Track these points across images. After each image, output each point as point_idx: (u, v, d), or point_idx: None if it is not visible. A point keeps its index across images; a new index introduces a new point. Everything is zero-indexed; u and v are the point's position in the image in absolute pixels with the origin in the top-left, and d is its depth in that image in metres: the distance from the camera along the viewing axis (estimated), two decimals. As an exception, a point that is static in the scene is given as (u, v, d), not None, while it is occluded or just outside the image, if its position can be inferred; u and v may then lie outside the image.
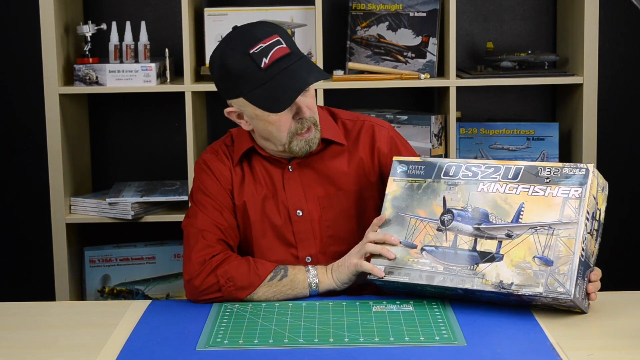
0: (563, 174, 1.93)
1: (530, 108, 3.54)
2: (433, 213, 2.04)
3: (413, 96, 3.53)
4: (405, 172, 2.13)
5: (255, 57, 2.17)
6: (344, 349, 1.89)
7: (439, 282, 2.02)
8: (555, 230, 1.89)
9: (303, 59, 2.22)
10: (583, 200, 1.89)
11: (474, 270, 1.97)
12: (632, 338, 1.92)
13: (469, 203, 1.99)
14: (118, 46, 3.22)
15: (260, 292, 2.21)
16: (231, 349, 1.91)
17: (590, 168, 1.93)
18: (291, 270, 2.23)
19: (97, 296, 3.33)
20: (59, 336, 2.02)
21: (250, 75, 2.18)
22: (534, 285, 1.91)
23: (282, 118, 2.23)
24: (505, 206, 1.95)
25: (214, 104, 3.51)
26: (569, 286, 1.88)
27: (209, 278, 2.21)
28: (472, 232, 1.98)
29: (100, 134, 3.55)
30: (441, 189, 2.05)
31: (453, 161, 2.07)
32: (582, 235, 1.88)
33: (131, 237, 3.48)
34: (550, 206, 1.91)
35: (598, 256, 2.02)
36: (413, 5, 3.30)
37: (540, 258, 1.90)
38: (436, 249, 2.03)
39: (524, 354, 1.85)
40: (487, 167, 2.01)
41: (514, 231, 1.93)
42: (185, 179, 3.37)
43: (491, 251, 1.95)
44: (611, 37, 3.50)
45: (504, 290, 1.94)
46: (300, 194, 2.35)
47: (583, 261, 1.89)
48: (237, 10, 3.23)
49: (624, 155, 3.57)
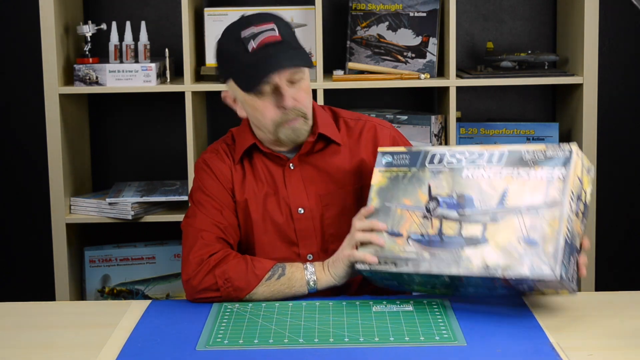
0: (547, 156, 1.91)
1: (530, 108, 3.54)
2: (418, 201, 2.03)
3: (413, 96, 3.53)
4: (390, 162, 2.12)
5: (244, 41, 2.22)
6: (344, 349, 1.89)
7: (425, 269, 2.00)
8: (540, 211, 1.88)
9: (295, 50, 2.23)
10: (567, 180, 1.88)
11: (459, 254, 1.95)
12: (632, 338, 1.92)
13: (454, 190, 1.98)
14: (118, 46, 3.22)
15: (258, 292, 2.20)
16: (231, 349, 1.91)
17: (574, 149, 1.91)
18: (289, 269, 2.22)
19: (97, 296, 3.33)
20: (59, 336, 2.02)
21: (238, 57, 2.22)
22: (520, 267, 1.88)
23: (266, 104, 2.24)
24: (490, 190, 1.94)
25: (214, 104, 3.51)
26: (554, 265, 1.85)
27: (207, 278, 2.20)
28: (457, 218, 1.96)
29: (100, 134, 3.55)
30: (426, 177, 2.03)
31: (437, 149, 2.06)
32: (567, 215, 1.86)
33: (131, 237, 3.48)
34: (534, 188, 1.90)
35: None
36: (413, 5, 3.30)
37: (526, 239, 1.88)
38: (422, 236, 2.01)
39: (524, 354, 1.85)
40: (471, 153, 2.00)
41: (499, 215, 1.92)
42: (185, 179, 3.37)
43: (476, 236, 1.94)
44: (611, 37, 3.50)
45: (490, 274, 1.91)
46: (302, 192, 2.35)
47: (569, 242, 1.87)
48: (237, 10, 3.23)
49: (624, 155, 3.57)
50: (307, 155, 2.35)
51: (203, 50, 3.28)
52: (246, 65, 2.22)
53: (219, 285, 2.19)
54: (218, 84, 3.18)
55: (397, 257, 2.05)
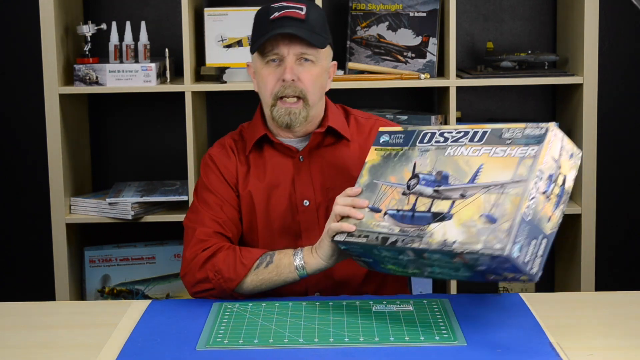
0: (524, 135, 1.89)
1: (530, 108, 3.54)
2: (402, 179, 2.03)
3: (413, 96, 3.53)
4: (387, 141, 2.12)
5: (271, 10, 2.29)
6: (344, 349, 1.89)
7: (390, 242, 1.98)
8: (506, 188, 1.85)
9: (314, 33, 2.27)
10: (537, 158, 1.85)
11: (424, 230, 1.93)
12: (632, 338, 1.92)
13: (435, 167, 1.98)
14: (118, 46, 3.22)
15: (247, 281, 2.20)
16: (231, 349, 1.91)
17: (551, 127, 1.88)
18: (277, 256, 2.21)
19: (97, 296, 3.33)
20: (59, 336, 2.02)
21: (261, 23, 2.30)
22: (474, 243, 1.83)
23: (269, 74, 2.29)
24: (466, 168, 1.92)
25: (214, 104, 3.51)
26: (507, 242, 1.79)
27: (199, 272, 2.22)
28: (431, 194, 1.95)
29: (100, 134, 3.55)
30: (414, 155, 2.03)
31: (430, 128, 2.06)
32: (529, 193, 1.82)
33: (131, 237, 3.48)
34: (506, 166, 1.88)
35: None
36: (413, 5, 3.30)
37: (487, 216, 1.84)
38: (397, 212, 2.00)
39: (524, 354, 1.85)
40: (458, 132, 1.99)
41: (468, 191, 1.89)
42: (185, 178, 3.37)
43: (443, 212, 1.92)
44: (611, 37, 3.50)
45: (447, 248, 1.87)
46: (309, 184, 2.36)
47: (528, 220, 1.82)
48: (237, 10, 3.23)
49: (624, 155, 3.57)
50: (317, 149, 2.37)
51: (203, 50, 3.28)
52: (262, 29, 2.28)
53: (211, 278, 2.21)
54: (218, 84, 3.19)
55: (369, 230, 2.03)
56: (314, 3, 2.36)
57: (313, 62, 2.29)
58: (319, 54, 2.29)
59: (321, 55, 2.30)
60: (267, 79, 2.29)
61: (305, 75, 2.28)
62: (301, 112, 2.29)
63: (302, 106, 2.29)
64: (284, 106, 2.28)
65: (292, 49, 2.26)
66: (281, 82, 2.27)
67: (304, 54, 2.27)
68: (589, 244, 3.21)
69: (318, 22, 2.30)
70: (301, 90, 2.28)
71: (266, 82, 2.29)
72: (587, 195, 3.20)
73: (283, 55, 2.27)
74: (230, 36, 3.23)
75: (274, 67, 2.29)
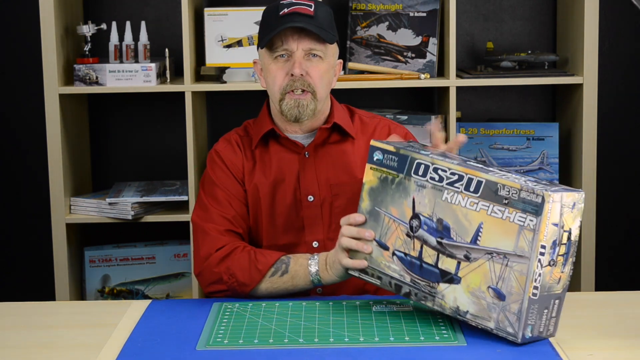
0: (520, 198, 1.86)
1: (530, 108, 3.54)
2: (403, 214, 2.04)
3: (413, 96, 3.53)
4: (381, 161, 2.11)
5: (280, 6, 2.30)
6: (344, 349, 1.89)
7: (404, 293, 2.04)
8: (510, 261, 1.86)
9: (322, 29, 2.29)
10: (537, 233, 1.83)
11: (435, 288, 1.98)
12: (632, 338, 1.92)
13: (434, 212, 1.99)
14: (118, 46, 3.22)
15: (262, 288, 2.23)
16: (231, 349, 1.91)
17: (546, 197, 1.83)
18: (292, 265, 2.23)
19: (97, 296, 3.33)
20: (59, 336, 2.02)
21: (268, 18, 2.32)
22: (487, 319, 1.90)
23: (278, 69, 2.30)
24: (466, 223, 1.93)
25: (214, 104, 3.51)
26: (518, 328, 1.85)
27: (213, 273, 2.24)
28: (435, 246, 1.98)
29: (100, 134, 3.55)
30: (411, 188, 2.03)
31: (422, 158, 2.03)
32: (534, 273, 1.84)
33: (131, 237, 3.48)
34: (506, 232, 1.87)
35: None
36: (413, 5, 3.30)
37: (494, 290, 1.89)
38: (405, 256, 2.04)
39: (524, 354, 1.85)
40: (452, 174, 1.97)
41: (472, 253, 1.91)
42: (185, 179, 3.37)
43: (451, 271, 1.95)
44: (611, 37, 3.50)
45: (460, 317, 1.94)
46: (314, 180, 2.38)
47: (537, 299, 1.85)
48: (237, 10, 3.23)
49: (624, 155, 3.57)
50: (323, 145, 2.39)
51: (203, 50, 3.28)
52: (271, 25, 2.29)
53: (225, 280, 2.23)
54: (218, 84, 3.19)
55: (382, 271, 2.08)
56: (321, 2, 2.38)
57: (321, 57, 2.31)
58: (327, 50, 2.32)
59: (329, 51, 2.33)
60: (276, 74, 2.31)
61: (314, 70, 2.30)
62: (309, 104, 2.31)
63: (311, 98, 2.31)
64: (292, 98, 2.30)
65: (301, 44, 2.28)
66: (290, 77, 2.29)
67: (313, 50, 2.29)
68: (589, 244, 3.21)
69: (326, 20, 2.32)
70: (309, 84, 2.30)
71: (275, 77, 2.31)
72: (587, 195, 3.19)
73: (292, 50, 2.29)
74: (230, 36, 3.23)
75: (282, 62, 2.31)
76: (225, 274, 2.23)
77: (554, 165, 3.31)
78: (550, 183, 1.91)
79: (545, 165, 3.31)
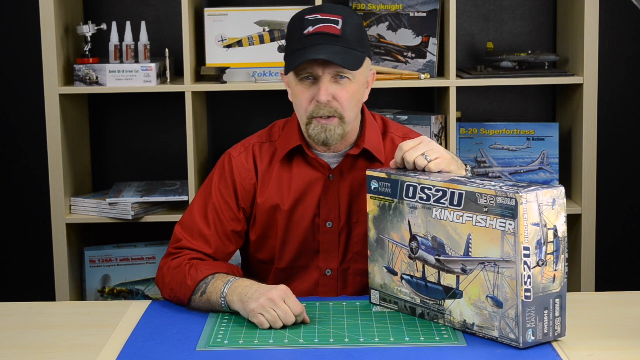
0: (497, 204, 1.87)
1: (530, 108, 3.54)
2: (403, 238, 2.08)
3: (413, 96, 3.53)
4: (377, 189, 2.13)
5: (305, 22, 2.20)
6: (344, 349, 1.89)
7: (419, 314, 2.07)
8: (500, 267, 1.88)
9: (350, 49, 2.17)
10: (517, 236, 1.84)
11: (442, 305, 2.01)
12: (632, 338, 1.92)
13: (428, 230, 2.01)
14: (118, 46, 3.22)
15: (193, 305, 2.16)
16: (231, 349, 1.91)
17: (519, 199, 1.83)
18: (210, 287, 2.13)
19: (97, 296, 3.33)
20: (59, 336, 2.02)
21: (294, 36, 2.21)
22: (491, 328, 1.91)
23: (304, 93, 2.20)
24: (456, 236, 1.95)
25: (214, 104, 3.51)
26: (518, 333, 1.86)
27: (163, 287, 2.22)
28: (435, 264, 2.01)
29: (100, 134, 3.55)
30: (405, 211, 2.06)
31: (410, 179, 2.04)
32: (522, 276, 1.84)
33: (131, 237, 3.48)
34: (492, 239, 1.89)
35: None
36: (413, 5, 3.30)
37: (492, 298, 1.90)
38: (411, 278, 2.07)
39: (524, 354, 1.85)
40: (437, 190, 1.99)
41: (467, 265, 1.94)
42: (185, 179, 3.37)
43: (452, 286, 1.98)
44: (611, 37, 3.50)
45: (469, 330, 1.96)
46: (335, 205, 2.30)
47: (531, 301, 1.86)
48: (237, 10, 3.23)
49: (624, 155, 3.57)
50: (350, 169, 2.30)
51: (203, 50, 3.28)
52: (295, 47, 2.20)
53: (169, 294, 2.21)
54: (218, 84, 3.18)
55: (396, 296, 2.11)
56: (350, 11, 2.25)
57: (349, 79, 2.20)
58: (356, 70, 2.20)
59: (358, 70, 2.21)
60: (301, 97, 2.21)
61: (341, 94, 2.20)
62: (336, 128, 2.21)
63: (338, 123, 2.21)
64: (320, 123, 2.20)
65: (327, 69, 2.18)
66: (315, 103, 2.20)
67: (340, 72, 2.18)
68: (589, 244, 3.21)
69: (354, 36, 2.20)
70: (336, 110, 2.20)
71: (300, 100, 2.21)
72: (587, 195, 3.20)
73: (317, 74, 2.18)
74: (230, 36, 3.23)
75: (308, 85, 2.20)
76: (168, 288, 2.20)
77: (554, 165, 3.31)
78: (528, 184, 1.91)
79: (545, 165, 3.31)
